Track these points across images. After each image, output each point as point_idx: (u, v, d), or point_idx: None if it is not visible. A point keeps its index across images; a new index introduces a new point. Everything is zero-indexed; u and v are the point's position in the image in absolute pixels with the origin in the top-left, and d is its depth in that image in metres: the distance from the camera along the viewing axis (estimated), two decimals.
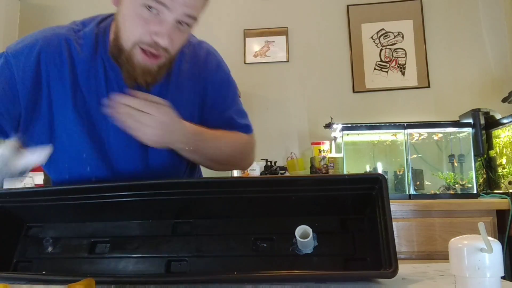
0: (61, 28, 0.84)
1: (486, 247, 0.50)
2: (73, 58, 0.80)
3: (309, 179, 0.74)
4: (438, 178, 1.94)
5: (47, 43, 0.79)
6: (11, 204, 0.82)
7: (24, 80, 0.77)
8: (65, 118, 0.80)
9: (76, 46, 0.80)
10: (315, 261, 0.73)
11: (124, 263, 0.76)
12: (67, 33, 0.82)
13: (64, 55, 0.79)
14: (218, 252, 0.75)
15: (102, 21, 0.87)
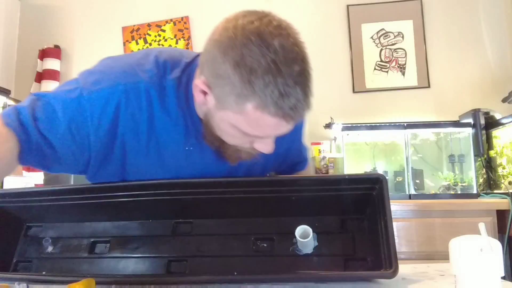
0: (143, 71, 0.72)
1: (486, 247, 0.50)
2: (154, 112, 0.72)
3: (309, 179, 0.74)
4: (438, 178, 1.94)
5: (128, 95, 0.70)
6: (11, 204, 0.82)
7: (98, 131, 0.70)
8: (138, 161, 0.75)
9: (157, 99, 0.72)
10: (315, 261, 0.73)
11: (124, 263, 0.76)
12: (150, 81, 0.72)
13: (144, 110, 0.71)
14: (218, 252, 0.75)
15: (186, 68, 0.75)
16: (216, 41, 0.64)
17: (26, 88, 2.51)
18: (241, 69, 0.60)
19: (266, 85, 0.59)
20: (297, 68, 0.60)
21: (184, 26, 2.51)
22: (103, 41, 2.56)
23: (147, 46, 2.53)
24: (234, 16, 0.65)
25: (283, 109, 0.60)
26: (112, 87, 0.69)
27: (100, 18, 2.59)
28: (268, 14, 0.64)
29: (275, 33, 0.61)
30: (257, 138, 0.68)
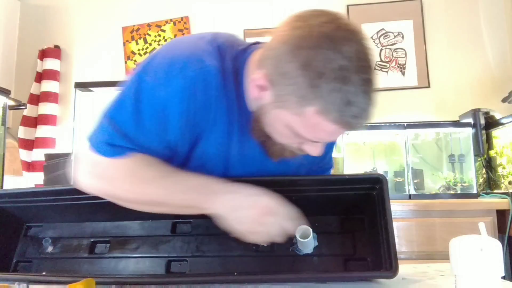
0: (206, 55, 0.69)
1: (486, 247, 0.50)
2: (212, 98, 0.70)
3: (309, 179, 0.74)
4: (438, 178, 1.94)
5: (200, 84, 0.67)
6: (11, 204, 0.82)
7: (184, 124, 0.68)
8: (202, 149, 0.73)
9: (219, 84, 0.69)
10: (315, 262, 0.73)
11: (124, 263, 0.76)
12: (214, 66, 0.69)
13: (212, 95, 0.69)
14: (218, 252, 0.74)
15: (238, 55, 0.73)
16: (284, 39, 0.61)
17: (26, 88, 2.51)
18: (309, 71, 0.58)
19: (332, 91, 0.57)
20: (365, 76, 0.59)
21: (184, 26, 2.51)
22: (103, 41, 2.57)
23: (147, 46, 2.53)
24: (305, 15, 0.62)
25: (345, 117, 0.59)
26: (184, 77, 0.66)
27: (100, 18, 2.59)
28: (340, 17, 0.61)
29: (347, 38, 0.58)
30: (308, 141, 0.67)
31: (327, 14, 0.61)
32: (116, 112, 0.69)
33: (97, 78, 2.46)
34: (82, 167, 0.72)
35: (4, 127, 2.01)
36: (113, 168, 0.69)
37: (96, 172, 0.70)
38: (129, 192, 0.69)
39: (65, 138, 2.47)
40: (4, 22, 2.52)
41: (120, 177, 0.69)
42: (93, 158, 0.70)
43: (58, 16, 2.63)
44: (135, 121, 0.67)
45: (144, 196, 0.69)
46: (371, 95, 0.61)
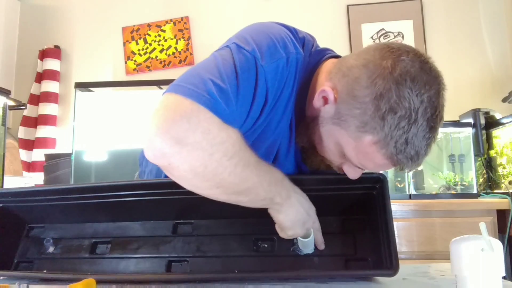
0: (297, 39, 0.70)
1: (487, 247, 0.50)
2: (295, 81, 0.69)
3: (310, 179, 0.74)
4: (438, 178, 1.94)
5: (292, 66, 0.67)
6: (12, 204, 0.82)
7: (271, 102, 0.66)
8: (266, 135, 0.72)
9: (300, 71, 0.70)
10: (316, 261, 0.73)
11: (125, 263, 0.77)
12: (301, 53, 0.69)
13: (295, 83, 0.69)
14: (218, 252, 0.75)
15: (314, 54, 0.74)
16: (368, 63, 0.62)
17: (26, 88, 2.51)
18: (380, 103, 0.59)
19: (397, 128, 0.59)
20: (431, 124, 0.60)
21: (184, 26, 2.51)
22: (103, 41, 2.57)
23: (147, 46, 2.53)
24: (395, 47, 0.63)
25: (399, 155, 0.60)
26: (285, 57, 0.65)
27: (100, 18, 2.59)
28: (428, 60, 0.63)
29: (428, 82, 0.60)
30: (351, 163, 0.67)
31: (416, 53, 0.62)
32: (224, 75, 0.60)
33: (97, 78, 2.46)
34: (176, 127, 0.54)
35: (4, 127, 2.01)
36: (227, 140, 0.57)
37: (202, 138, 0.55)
38: (232, 174, 0.59)
39: (65, 138, 2.47)
40: (4, 22, 2.52)
41: (230, 153, 0.58)
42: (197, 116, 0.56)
43: (58, 16, 2.63)
44: (238, 90, 0.61)
45: (243, 182, 0.61)
46: (431, 143, 0.62)
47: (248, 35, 0.67)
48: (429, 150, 0.62)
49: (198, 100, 0.56)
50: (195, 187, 0.61)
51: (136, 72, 2.53)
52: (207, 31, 2.49)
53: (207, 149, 0.56)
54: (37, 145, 2.39)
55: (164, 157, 0.55)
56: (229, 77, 0.60)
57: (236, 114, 0.61)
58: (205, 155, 0.56)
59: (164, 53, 2.52)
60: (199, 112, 0.56)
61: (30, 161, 2.41)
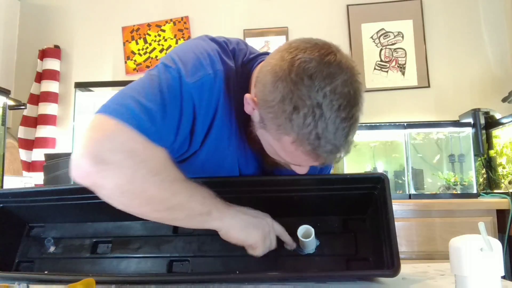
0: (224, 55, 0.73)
1: (486, 247, 0.50)
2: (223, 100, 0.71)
3: (311, 179, 0.74)
4: (438, 178, 1.94)
5: (223, 81, 0.70)
6: (13, 204, 0.82)
7: (204, 117, 0.69)
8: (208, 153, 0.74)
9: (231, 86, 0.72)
10: (317, 261, 0.73)
11: (126, 263, 0.77)
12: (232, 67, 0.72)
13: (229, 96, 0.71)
14: (219, 252, 0.75)
15: (248, 62, 0.75)
16: (272, 68, 0.64)
17: (26, 88, 2.51)
18: (285, 105, 0.61)
19: (305, 125, 0.60)
20: (343, 114, 0.60)
21: (184, 26, 2.51)
22: (103, 41, 2.57)
23: (147, 46, 2.53)
24: (294, 46, 0.64)
25: (317, 151, 0.61)
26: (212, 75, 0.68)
27: (100, 18, 2.59)
28: (330, 52, 0.63)
29: (331, 76, 0.60)
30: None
31: (315, 48, 0.63)
32: (143, 97, 0.63)
33: (97, 78, 2.46)
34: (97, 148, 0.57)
35: (4, 127, 2.01)
36: (152, 159, 0.60)
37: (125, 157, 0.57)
38: (160, 188, 0.61)
39: (65, 138, 2.47)
40: (4, 22, 2.52)
41: (156, 170, 0.60)
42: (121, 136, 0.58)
43: (58, 16, 2.63)
44: (164, 108, 0.63)
45: (174, 197, 0.62)
46: (348, 132, 0.62)
47: (175, 54, 0.70)
48: (349, 140, 0.62)
49: (122, 118, 0.59)
50: (125, 205, 0.61)
51: (136, 72, 2.53)
52: (207, 31, 2.47)
53: (131, 166, 0.58)
54: (37, 145, 2.39)
55: (88, 176, 0.57)
56: (155, 95, 0.64)
57: (163, 132, 0.64)
58: (129, 172, 0.58)
59: (164, 53, 2.52)
60: (123, 131, 0.58)
61: (30, 161, 2.41)
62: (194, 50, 0.70)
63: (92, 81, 2.34)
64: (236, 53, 0.76)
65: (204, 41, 0.75)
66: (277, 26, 2.47)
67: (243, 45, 0.79)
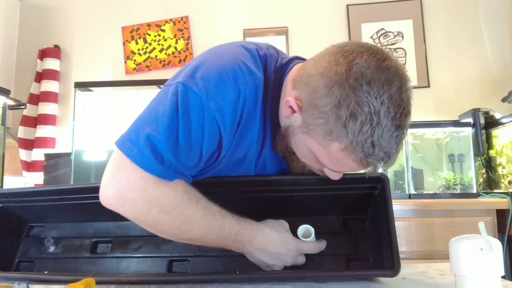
0: (253, 66, 0.70)
1: (486, 247, 0.50)
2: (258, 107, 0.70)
3: (311, 179, 0.74)
4: (438, 178, 1.94)
5: (248, 95, 0.68)
6: (13, 204, 0.82)
7: (229, 136, 0.67)
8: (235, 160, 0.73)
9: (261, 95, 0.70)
10: (317, 261, 0.73)
11: (126, 263, 0.77)
12: (260, 77, 0.70)
13: (258, 106, 0.70)
14: (219, 252, 0.75)
15: (280, 68, 0.73)
16: (324, 71, 0.61)
17: (26, 88, 2.51)
18: (341, 111, 0.58)
19: (361, 133, 0.58)
20: (397, 122, 0.59)
21: (184, 26, 2.51)
22: (103, 41, 2.57)
23: (146, 46, 2.53)
24: (349, 50, 0.61)
25: (369, 159, 0.60)
26: (236, 92, 0.66)
27: (100, 18, 2.59)
28: (386, 57, 0.61)
29: (386, 82, 0.58)
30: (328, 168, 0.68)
31: (371, 53, 0.61)
32: (163, 125, 0.62)
33: (97, 78, 2.46)
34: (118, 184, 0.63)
35: (4, 127, 2.01)
36: (163, 197, 0.63)
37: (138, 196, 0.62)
38: (171, 227, 0.65)
39: (65, 138, 2.47)
40: (4, 22, 2.52)
41: (167, 209, 0.64)
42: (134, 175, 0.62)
43: (58, 16, 2.63)
44: (185, 136, 0.63)
45: (183, 234, 0.67)
46: (400, 141, 0.61)
47: (197, 72, 0.66)
48: (400, 148, 0.62)
49: (133, 159, 0.62)
50: (147, 229, 0.68)
51: (135, 72, 2.53)
52: (207, 31, 2.49)
53: (144, 205, 0.63)
54: (37, 145, 2.39)
55: (110, 205, 0.65)
56: (173, 126, 0.63)
57: (179, 164, 0.63)
58: (142, 210, 0.64)
59: (164, 52, 2.52)
60: (135, 171, 0.62)
61: (29, 160, 2.41)
62: (218, 65, 0.67)
63: (92, 81, 2.34)
64: (268, 59, 0.73)
65: (233, 50, 0.72)
66: (277, 26, 2.47)
67: (273, 50, 0.77)
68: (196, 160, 0.66)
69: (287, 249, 0.70)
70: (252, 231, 0.69)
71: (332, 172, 0.68)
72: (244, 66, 0.68)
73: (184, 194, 0.65)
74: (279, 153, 0.74)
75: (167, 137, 0.62)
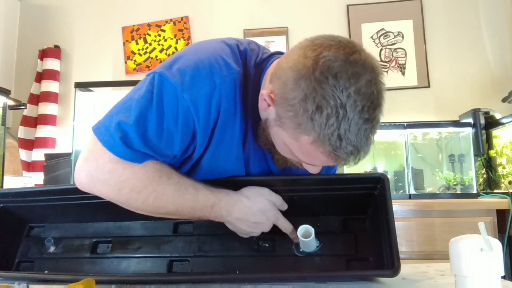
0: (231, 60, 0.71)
1: (486, 247, 0.50)
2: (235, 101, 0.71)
3: (311, 179, 0.74)
4: (438, 178, 1.94)
5: (225, 90, 0.68)
6: (13, 204, 0.82)
7: (205, 130, 0.68)
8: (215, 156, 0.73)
9: (239, 90, 0.71)
10: (317, 261, 0.73)
11: (126, 263, 0.77)
12: (238, 71, 0.71)
13: (237, 101, 0.70)
14: (219, 252, 0.75)
15: (261, 63, 0.74)
16: (294, 65, 0.62)
17: (26, 88, 2.51)
18: (307, 104, 0.59)
19: (327, 126, 0.58)
20: (366, 115, 0.59)
21: (184, 26, 2.51)
22: (103, 41, 2.57)
23: (147, 46, 2.53)
24: (318, 43, 0.62)
25: (337, 152, 0.60)
26: (211, 86, 0.67)
27: (100, 18, 2.59)
28: (355, 51, 0.60)
29: (356, 75, 0.58)
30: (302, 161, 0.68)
31: (340, 46, 0.60)
32: (135, 113, 0.65)
33: (97, 78, 2.46)
34: (88, 166, 0.66)
35: (4, 127, 2.01)
36: (132, 177, 0.65)
37: (109, 177, 0.65)
38: (144, 204, 0.68)
39: (65, 138, 2.47)
40: (4, 22, 2.52)
41: (138, 188, 0.66)
42: (103, 157, 0.65)
43: (58, 16, 2.63)
44: (157, 124, 0.65)
45: (158, 210, 0.69)
46: (369, 133, 0.61)
47: (176, 63, 0.68)
48: (370, 142, 0.61)
49: (104, 143, 0.64)
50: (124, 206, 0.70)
51: (136, 72, 2.53)
52: (207, 31, 2.49)
53: (115, 185, 0.66)
54: (37, 145, 2.40)
55: (83, 188, 0.68)
56: (146, 114, 0.65)
57: (150, 149, 0.65)
58: (114, 190, 0.66)
59: (164, 53, 2.52)
60: (105, 154, 0.65)
61: (30, 160, 2.41)
62: (196, 59, 0.69)
63: (92, 81, 2.34)
64: (248, 54, 0.74)
65: (213, 45, 0.73)
66: (277, 26, 2.47)
67: (254, 45, 0.78)
68: (169, 149, 0.67)
69: (266, 219, 0.71)
70: (229, 201, 0.70)
71: (309, 166, 0.68)
72: (221, 60, 0.69)
73: (155, 173, 0.67)
74: (262, 146, 0.74)
75: (137, 123, 0.64)
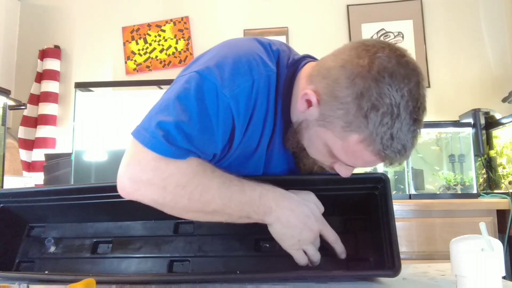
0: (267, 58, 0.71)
1: (487, 247, 0.50)
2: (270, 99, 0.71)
3: (311, 179, 0.74)
4: (438, 178, 1.94)
5: (261, 86, 0.68)
6: (13, 204, 0.82)
7: (242, 126, 0.68)
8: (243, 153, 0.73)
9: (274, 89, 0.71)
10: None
11: (126, 263, 0.77)
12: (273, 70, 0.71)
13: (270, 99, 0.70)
14: (220, 252, 0.75)
15: (293, 64, 0.74)
16: (345, 63, 0.62)
17: (26, 88, 2.51)
18: (362, 102, 0.59)
19: (381, 124, 0.59)
20: (415, 116, 0.61)
21: (184, 26, 2.51)
22: (103, 41, 2.57)
23: (147, 46, 2.53)
24: (370, 44, 0.63)
25: (386, 151, 0.61)
26: (250, 82, 0.67)
27: (100, 18, 2.59)
28: (405, 55, 0.63)
29: (406, 76, 0.60)
30: (342, 162, 0.68)
31: (392, 49, 0.62)
32: (175, 111, 0.64)
33: (97, 78, 2.46)
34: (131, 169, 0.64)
35: (4, 127, 2.01)
36: (177, 171, 0.63)
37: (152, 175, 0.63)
38: (190, 200, 0.64)
39: (65, 138, 2.47)
40: (4, 22, 2.52)
41: (184, 183, 0.64)
42: (146, 158, 0.63)
43: (58, 16, 2.63)
44: (199, 121, 0.64)
45: (205, 206, 0.65)
46: (416, 135, 0.63)
47: (212, 61, 0.68)
48: (415, 142, 0.63)
49: (146, 144, 0.63)
50: (171, 213, 0.67)
51: (136, 72, 2.53)
52: (207, 31, 2.49)
53: (159, 183, 0.63)
54: (37, 145, 2.39)
55: (128, 195, 0.66)
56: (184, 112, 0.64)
57: (192, 146, 0.64)
58: (159, 188, 0.64)
59: (164, 53, 2.52)
60: (147, 154, 0.63)
61: (30, 161, 2.41)
62: (233, 56, 0.68)
63: (92, 81, 2.34)
64: (281, 55, 0.74)
65: (247, 43, 0.73)
66: (277, 26, 2.47)
67: (285, 47, 0.78)
68: (211, 147, 0.66)
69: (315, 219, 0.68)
70: (276, 193, 0.67)
71: (343, 168, 0.68)
72: (258, 58, 0.69)
73: (199, 166, 0.65)
74: (290, 149, 0.74)
75: (178, 121, 0.63)
